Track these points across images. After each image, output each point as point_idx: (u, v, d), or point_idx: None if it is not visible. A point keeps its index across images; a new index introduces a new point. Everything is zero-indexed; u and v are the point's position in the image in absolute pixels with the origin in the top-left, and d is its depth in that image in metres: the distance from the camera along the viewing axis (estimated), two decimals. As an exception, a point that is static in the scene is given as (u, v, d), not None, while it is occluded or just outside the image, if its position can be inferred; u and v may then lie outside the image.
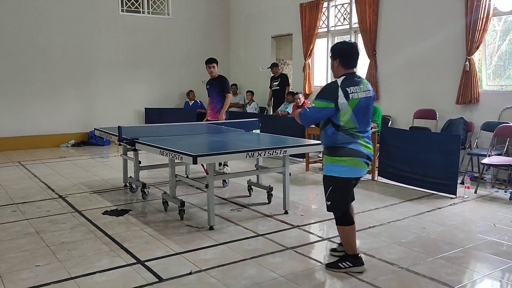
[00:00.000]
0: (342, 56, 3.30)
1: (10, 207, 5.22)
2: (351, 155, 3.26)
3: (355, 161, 3.27)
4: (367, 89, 3.32)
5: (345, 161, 3.26)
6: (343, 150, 3.26)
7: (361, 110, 3.26)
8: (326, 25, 9.37)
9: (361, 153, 3.29)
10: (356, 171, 3.31)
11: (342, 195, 3.37)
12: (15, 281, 3.26)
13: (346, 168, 3.28)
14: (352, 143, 3.27)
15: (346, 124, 3.23)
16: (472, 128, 6.69)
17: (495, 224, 4.54)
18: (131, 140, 5.13)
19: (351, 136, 3.26)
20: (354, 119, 3.24)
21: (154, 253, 3.78)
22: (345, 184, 3.35)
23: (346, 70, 3.32)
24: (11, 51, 9.35)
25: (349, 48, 3.33)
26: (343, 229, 3.40)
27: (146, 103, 10.95)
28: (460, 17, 6.80)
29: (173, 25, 11.23)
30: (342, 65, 3.31)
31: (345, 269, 3.37)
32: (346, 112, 3.20)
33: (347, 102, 3.18)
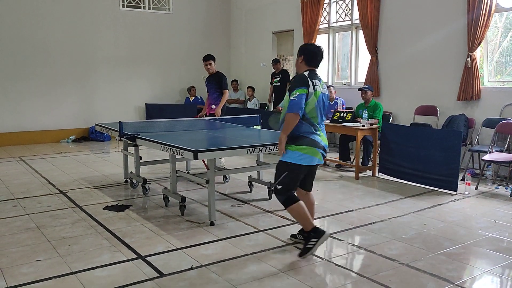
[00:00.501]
0: (307, 54, 3.65)
1: (11, 202, 5.22)
2: (311, 145, 3.54)
3: (313, 150, 3.55)
4: (324, 87, 3.69)
5: (304, 149, 3.52)
6: (305, 140, 3.53)
7: (321, 104, 3.60)
8: (327, 21, 9.34)
9: (319, 144, 3.59)
10: (311, 159, 3.57)
11: (293, 181, 3.62)
12: (16, 275, 3.27)
13: (302, 156, 3.53)
14: (313, 133, 3.57)
15: (310, 112, 3.52)
16: (473, 124, 6.68)
17: (495, 220, 4.54)
18: (132, 135, 5.13)
19: (313, 127, 3.56)
20: (317, 109, 3.55)
21: (155, 248, 3.78)
22: (298, 170, 3.58)
23: (308, 67, 3.64)
24: (11, 46, 9.34)
25: (315, 49, 3.67)
26: (292, 209, 3.61)
27: (147, 99, 10.94)
28: (462, 13, 6.78)
29: (173, 20, 11.20)
30: (305, 62, 3.65)
31: (314, 246, 3.54)
32: (312, 101, 3.51)
33: (313, 92, 3.52)
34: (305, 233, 3.64)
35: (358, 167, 6.48)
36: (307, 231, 3.61)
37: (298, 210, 3.59)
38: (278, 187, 3.61)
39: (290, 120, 3.49)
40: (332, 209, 4.94)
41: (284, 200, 3.62)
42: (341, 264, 3.51)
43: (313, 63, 3.65)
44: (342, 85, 9.11)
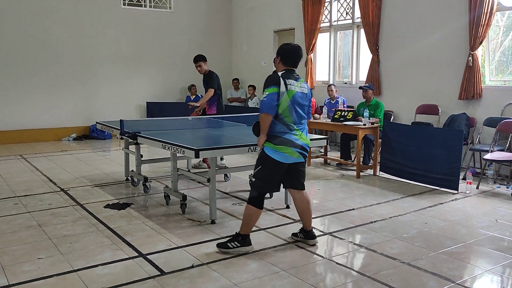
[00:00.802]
0: (283, 55, 3.68)
1: (12, 199, 5.23)
2: (285, 144, 3.55)
3: (288, 150, 3.56)
4: (303, 87, 3.68)
5: (280, 148, 3.55)
6: (279, 139, 3.56)
7: (297, 103, 3.59)
8: (328, 20, 9.33)
9: (295, 143, 3.58)
10: (285, 157, 3.56)
11: (268, 177, 3.61)
12: (17, 273, 3.27)
13: (277, 153, 3.55)
14: (287, 133, 3.56)
15: (283, 112, 3.53)
16: (475, 123, 6.68)
17: (497, 219, 4.54)
18: (133, 133, 5.13)
19: (287, 127, 3.56)
20: (291, 109, 3.55)
21: (156, 246, 3.78)
22: (275, 166, 3.58)
23: (285, 67, 3.67)
24: (13, 45, 9.34)
25: (291, 49, 3.69)
26: (250, 209, 3.61)
27: (148, 97, 10.94)
28: (463, 12, 6.76)
29: (175, 18, 11.20)
30: (282, 62, 3.68)
31: (233, 249, 3.58)
32: (284, 100, 3.52)
33: (286, 91, 3.52)
34: (236, 233, 3.66)
35: (359, 166, 6.47)
36: (240, 233, 3.63)
37: (252, 215, 3.61)
38: (253, 179, 3.65)
39: (262, 120, 3.54)
40: (333, 207, 4.94)
41: (251, 196, 3.63)
42: (342, 262, 3.51)
43: (289, 63, 3.67)
44: (343, 84, 9.11)
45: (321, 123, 7.33)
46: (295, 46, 3.73)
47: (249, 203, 3.64)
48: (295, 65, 3.71)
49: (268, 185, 3.68)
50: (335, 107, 7.92)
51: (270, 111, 3.48)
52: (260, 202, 3.63)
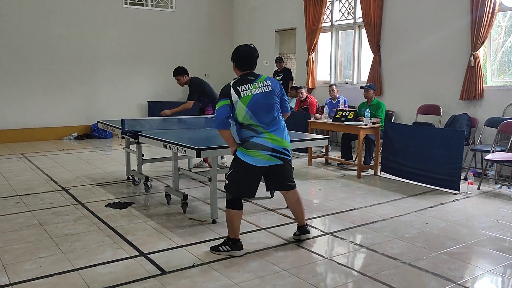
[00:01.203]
0: (236, 60, 3.59)
1: (14, 198, 5.24)
2: (254, 148, 3.50)
3: (257, 153, 3.50)
4: (265, 85, 3.53)
5: (249, 152, 3.51)
6: (247, 143, 3.53)
7: (259, 105, 3.47)
8: (330, 20, 9.32)
9: (264, 146, 3.50)
10: (258, 161, 3.51)
11: (238, 179, 3.57)
12: (18, 272, 3.27)
13: (249, 157, 3.51)
14: (254, 137, 3.50)
15: (243, 120, 3.49)
16: (476, 124, 6.67)
17: (498, 220, 4.53)
18: (134, 133, 5.14)
19: (254, 131, 3.50)
20: (251, 114, 3.46)
21: (157, 245, 3.79)
22: (246, 168, 3.53)
23: (241, 71, 3.59)
24: (14, 43, 9.35)
25: (243, 53, 3.57)
26: (229, 212, 3.60)
27: (149, 97, 10.94)
28: (465, 12, 6.76)
29: (176, 18, 11.20)
30: (237, 67, 3.60)
31: (224, 252, 3.58)
32: (240, 109, 3.45)
33: (239, 100, 3.44)
34: (226, 238, 3.64)
35: (360, 166, 6.47)
36: (230, 237, 3.61)
37: (232, 217, 3.58)
38: (226, 182, 3.64)
39: (224, 135, 3.58)
40: (334, 207, 4.94)
41: (227, 199, 3.61)
42: (343, 262, 3.51)
43: (245, 67, 3.58)
44: (345, 84, 9.10)
45: (322, 123, 7.33)
46: (247, 47, 3.61)
47: (227, 207, 3.62)
48: (252, 67, 3.60)
49: (240, 188, 3.59)
50: (336, 107, 7.93)
51: (221, 126, 3.50)
52: (238, 204, 3.60)
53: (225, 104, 3.45)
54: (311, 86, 9.56)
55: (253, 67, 3.61)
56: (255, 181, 3.62)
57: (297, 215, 3.92)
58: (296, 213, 3.92)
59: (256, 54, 3.62)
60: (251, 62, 3.58)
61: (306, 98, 8.49)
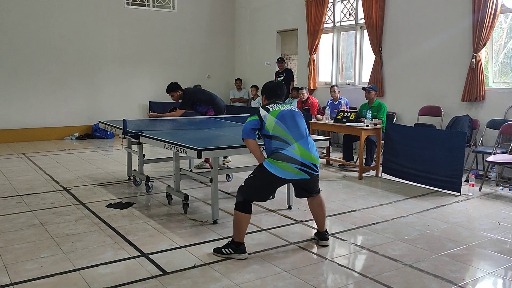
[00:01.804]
0: (266, 93, 3.94)
1: (15, 198, 5.24)
2: (283, 160, 3.53)
3: (286, 165, 3.53)
4: (290, 107, 3.80)
5: (277, 163, 3.54)
6: (276, 154, 3.57)
7: (288, 118, 3.66)
8: (332, 21, 9.32)
9: (293, 159, 3.53)
10: (284, 173, 3.55)
11: (258, 186, 3.62)
12: (19, 272, 3.28)
13: (275, 168, 3.54)
14: (284, 149, 3.56)
15: (274, 130, 3.60)
16: (478, 125, 6.66)
17: (499, 222, 4.53)
18: (136, 133, 5.14)
19: (283, 142, 3.57)
20: (281, 124, 3.61)
21: (158, 246, 3.79)
22: (269, 179, 3.57)
23: (268, 101, 3.87)
24: (17, 43, 9.37)
25: (272, 87, 3.95)
26: (237, 214, 3.60)
27: (150, 97, 10.95)
28: (467, 13, 6.75)
29: (178, 19, 11.21)
30: (266, 98, 3.93)
31: (227, 255, 3.57)
32: (270, 120, 3.62)
33: (268, 113, 3.66)
34: (231, 241, 3.63)
35: (361, 167, 6.47)
36: (234, 240, 3.60)
37: (241, 220, 3.59)
38: (242, 184, 3.65)
39: (247, 145, 3.71)
40: (335, 209, 4.93)
41: (238, 201, 3.61)
42: (344, 264, 3.51)
43: (272, 97, 3.88)
44: (346, 85, 9.10)
45: (323, 124, 7.32)
46: (276, 83, 4.05)
47: (236, 209, 3.61)
48: (280, 98, 3.89)
49: (255, 193, 3.65)
50: (338, 108, 7.92)
51: (246, 135, 3.66)
52: (247, 207, 3.60)
53: (253, 119, 3.68)
54: (312, 87, 9.56)
55: (281, 98, 3.90)
56: (274, 190, 3.72)
57: (318, 219, 3.91)
58: (318, 217, 3.91)
59: (284, 89, 4.00)
60: (280, 93, 3.90)
61: (307, 99, 8.48)
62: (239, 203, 3.61)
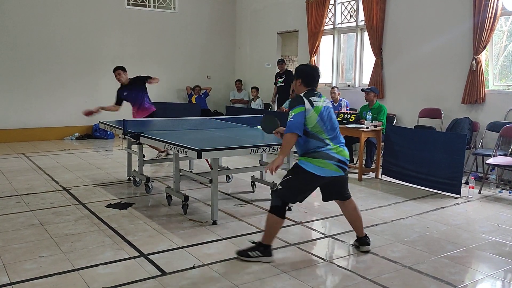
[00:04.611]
0: (304, 77, 3.64)
1: (14, 198, 5.24)
2: (322, 158, 3.46)
3: (326, 163, 3.46)
4: (326, 101, 3.64)
5: (315, 161, 3.46)
6: (315, 153, 3.48)
7: (326, 117, 3.54)
8: (332, 22, 9.33)
9: (332, 156, 3.48)
10: (323, 171, 3.47)
11: (298, 188, 3.52)
12: (19, 271, 3.28)
13: (314, 167, 3.45)
14: (322, 147, 3.48)
15: (313, 128, 3.47)
16: (478, 128, 6.66)
17: (499, 224, 4.53)
18: (136, 133, 5.14)
19: (321, 142, 3.49)
20: (321, 123, 3.49)
21: (157, 246, 3.79)
22: (309, 179, 3.48)
23: (306, 88, 3.62)
24: (17, 44, 9.37)
25: (311, 71, 3.69)
26: (272, 218, 3.50)
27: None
28: (468, 16, 6.76)
29: (179, 20, 11.22)
30: (304, 84, 3.63)
31: (254, 258, 3.48)
32: (312, 116, 3.46)
33: (312, 109, 3.48)
34: (258, 242, 3.56)
35: (361, 169, 6.47)
36: (262, 242, 3.53)
37: (274, 224, 3.52)
38: (279, 187, 3.55)
39: (288, 139, 3.45)
40: (334, 210, 4.91)
41: (274, 205, 3.51)
42: (343, 265, 3.51)
43: (310, 84, 3.63)
44: (346, 87, 9.10)
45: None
46: (315, 67, 3.80)
47: (271, 212, 3.51)
48: (316, 84, 3.68)
49: (294, 195, 3.54)
50: (338, 109, 7.91)
51: (297, 130, 3.41)
52: (283, 212, 3.51)
53: (301, 111, 3.44)
54: (312, 89, 9.54)
55: (317, 85, 3.69)
56: (312, 190, 3.61)
57: (356, 224, 3.79)
58: (355, 221, 3.79)
59: (320, 74, 3.75)
60: (317, 80, 3.69)
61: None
62: (276, 207, 3.50)
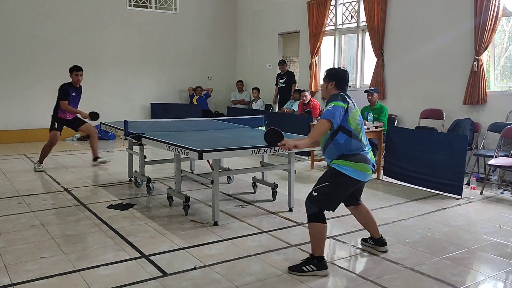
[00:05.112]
0: (338, 80, 3.54)
1: (16, 199, 5.25)
2: (363, 161, 3.38)
3: (365, 167, 3.39)
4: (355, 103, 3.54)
5: (356, 165, 3.36)
6: (357, 157, 3.37)
7: (362, 122, 3.49)
8: (333, 23, 9.33)
9: (369, 159, 3.44)
10: (363, 175, 3.40)
11: (335, 194, 3.38)
12: (20, 272, 3.28)
13: (356, 172, 3.36)
14: (363, 150, 3.42)
15: (356, 128, 3.38)
16: (479, 128, 6.65)
17: (500, 225, 4.51)
18: (137, 134, 5.14)
19: (362, 144, 3.42)
20: (361, 125, 3.44)
21: (158, 247, 3.79)
22: (348, 184, 3.39)
23: (338, 91, 3.52)
24: (18, 44, 9.39)
25: (344, 74, 3.59)
26: (315, 226, 3.35)
27: (152, 98, 10.96)
28: (469, 17, 6.75)
29: (180, 20, 11.23)
30: (337, 87, 3.53)
31: (309, 272, 3.30)
32: (355, 115, 3.39)
33: (354, 108, 3.42)
34: (310, 255, 3.41)
35: (362, 170, 6.45)
36: (315, 255, 3.35)
37: (320, 231, 3.34)
38: (314, 194, 3.35)
39: (321, 124, 3.31)
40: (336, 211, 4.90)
41: (312, 212, 3.34)
42: (345, 266, 3.50)
43: (343, 88, 3.54)
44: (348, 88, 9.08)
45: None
46: (346, 71, 3.69)
47: (311, 220, 3.35)
48: (347, 88, 3.60)
49: (332, 202, 3.40)
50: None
51: (333, 119, 3.26)
52: (323, 217, 3.36)
53: (342, 106, 3.32)
54: (314, 90, 9.56)
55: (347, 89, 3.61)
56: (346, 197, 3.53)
57: (371, 226, 3.77)
58: (371, 224, 3.76)
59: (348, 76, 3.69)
60: (348, 84, 3.63)
61: (309, 101, 8.48)
62: (314, 214, 3.33)
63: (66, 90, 6.99)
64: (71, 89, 7.04)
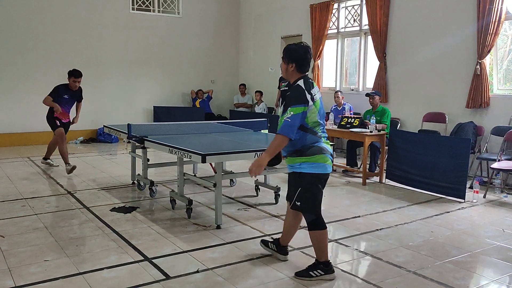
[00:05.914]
0: (298, 61, 3.25)
1: (20, 202, 5.26)
2: (320, 152, 3.24)
3: (325, 158, 3.27)
4: (318, 90, 3.35)
5: (316, 159, 3.23)
6: (312, 149, 3.23)
7: (321, 111, 3.29)
8: (336, 27, 9.35)
9: (327, 150, 3.30)
10: (322, 167, 3.27)
11: (313, 194, 3.28)
12: (24, 275, 3.29)
13: (315, 165, 3.24)
14: (318, 142, 3.26)
15: (313, 124, 3.22)
16: (482, 132, 6.64)
17: (503, 229, 4.51)
18: (140, 137, 5.16)
19: (317, 136, 3.26)
20: (319, 117, 3.26)
21: (161, 250, 3.79)
22: (314, 180, 3.27)
23: (300, 74, 3.29)
24: (22, 47, 9.43)
25: (305, 54, 3.26)
26: (316, 234, 3.32)
27: (155, 102, 10.99)
28: (472, 20, 6.76)
29: (183, 24, 11.26)
30: (298, 70, 3.27)
31: (316, 277, 3.28)
32: (313, 112, 3.20)
33: (313, 104, 3.20)
34: (316, 262, 3.36)
35: (365, 173, 6.46)
36: (319, 260, 3.34)
37: (320, 238, 3.32)
38: (297, 204, 3.29)
39: (279, 141, 3.15)
40: (338, 214, 4.93)
41: (311, 220, 3.31)
42: (347, 270, 3.50)
43: (306, 69, 3.29)
44: (350, 91, 9.11)
45: (327, 129, 7.26)
46: (304, 46, 3.28)
47: (311, 229, 3.32)
48: (309, 68, 3.35)
49: (317, 203, 3.30)
50: (342, 113, 7.92)
51: (291, 134, 3.10)
52: (321, 222, 3.32)
53: (303, 111, 3.12)
54: (316, 93, 9.55)
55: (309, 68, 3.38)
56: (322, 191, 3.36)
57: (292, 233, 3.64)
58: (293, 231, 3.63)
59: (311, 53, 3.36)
60: (310, 63, 3.33)
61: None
62: (311, 222, 3.31)
63: (58, 92, 7.05)
64: (64, 92, 7.07)
